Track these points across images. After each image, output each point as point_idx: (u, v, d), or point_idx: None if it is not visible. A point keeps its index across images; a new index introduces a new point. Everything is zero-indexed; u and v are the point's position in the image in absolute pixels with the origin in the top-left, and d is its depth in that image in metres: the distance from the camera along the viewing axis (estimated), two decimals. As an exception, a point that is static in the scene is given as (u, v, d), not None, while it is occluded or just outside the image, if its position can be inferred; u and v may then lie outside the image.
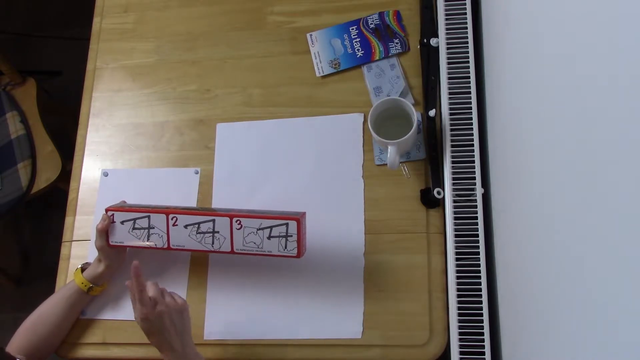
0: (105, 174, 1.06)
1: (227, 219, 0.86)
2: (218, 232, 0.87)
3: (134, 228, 0.90)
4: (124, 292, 0.97)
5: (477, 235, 0.84)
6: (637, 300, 0.37)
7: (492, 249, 0.87)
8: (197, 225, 0.88)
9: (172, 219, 0.88)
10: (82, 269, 0.94)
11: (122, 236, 0.91)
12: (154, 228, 0.89)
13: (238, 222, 0.86)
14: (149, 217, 0.90)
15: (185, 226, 0.88)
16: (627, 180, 0.39)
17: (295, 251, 0.84)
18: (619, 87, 0.40)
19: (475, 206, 0.86)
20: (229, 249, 0.87)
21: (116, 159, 1.06)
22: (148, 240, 0.90)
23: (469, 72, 0.92)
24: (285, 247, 0.84)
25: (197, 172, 1.02)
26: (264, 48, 1.07)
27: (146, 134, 1.07)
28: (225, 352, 0.92)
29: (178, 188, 1.02)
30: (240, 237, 0.86)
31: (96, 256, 0.94)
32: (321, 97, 1.02)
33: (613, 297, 0.41)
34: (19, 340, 0.89)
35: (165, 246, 0.90)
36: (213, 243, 0.87)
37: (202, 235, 0.87)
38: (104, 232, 0.91)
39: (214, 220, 0.87)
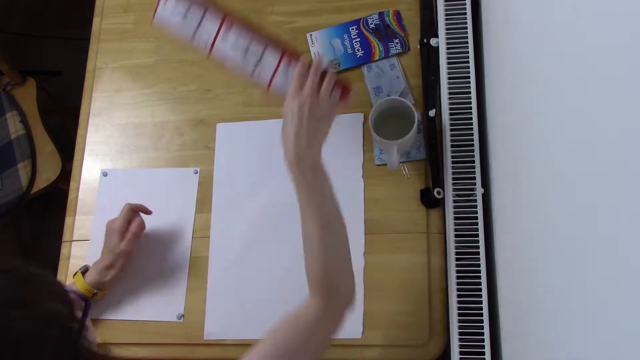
0: (105, 174, 1.05)
1: (278, 54, 0.80)
2: (263, 61, 0.81)
3: (185, 17, 0.82)
4: (124, 292, 0.97)
5: (477, 235, 0.84)
6: (638, 300, 0.37)
7: (492, 249, 0.87)
8: (248, 44, 0.81)
9: (226, 25, 0.80)
10: (82, 273, 0.92)
11: (169, 18, 0.82)
12: (204, 27, 0.81)
13: (287, 61, 0.80)
14: (205, 11, 0.81)
15: (236, 38, 0.80)
16: (627, 180, 0.39)
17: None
18: (621, 86, 0.40)
19: (475, 206, 0.86)
20: (266, 83, 0.81)
21: (116, 159, 1.06)
22: (193, 37, 0.82)
23: (469, 72, 0.92)
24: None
25: (196, 172, 1.02)
26: (264, 48, 1.07)
27: (146, 134, 1.07)
28: (225, 352, 0.92)
29: (177, 188, 1.02)
30: (282, 78, 0.81)
31: (103, 262, 0.91)
32: (321, 97, 1.02)
33: (613, 297, 0.41)
34: None
35: (207, 50, 0.82)
36: (254, 71, 0.81)
37: (247, 56, 0.81)
38: (138, 237, 0.90)
39: (265, 47, 0.80)
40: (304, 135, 0.71)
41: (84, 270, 0.93)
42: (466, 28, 0.93)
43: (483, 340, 0.80)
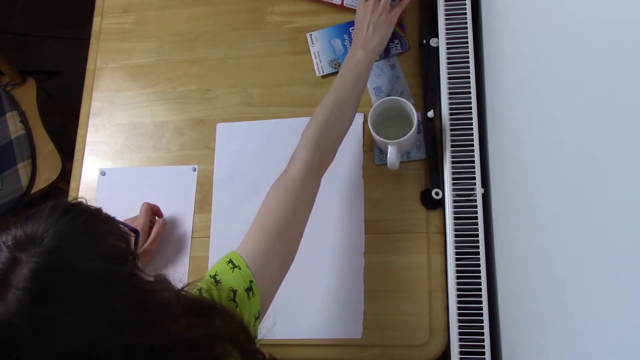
0: (103, 173, 1.06)
1: None
2: None
3: None
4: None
5: (477, 235, 0.84)
6: (638, 300, 0.37)
7: (492, 249, 0.87)
8: None
9: None
10: None
11: None
12: None
13: None
14: None
15: None
16: (627, 180, 0.39)
17: None
18: (620, 86, 0.40)
19: (475, 206, 0.86)
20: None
21: (116, 159, 1.06)
22: None
23: (469, 72, 0.92)
24: None
25: (194, 170, 1.02)
26: (264, 48, 1.07)
27: (146, 134, 1.07)
28: (225, 352, 0.92)
29: (176, 185, 1.02)
30: None
31: None
32: (321, 97, 1.01)
33: (613, 296, 0.41)
34: None
35: None
36: None
37: None
38: (159, 236, 0.93)
39: None
40: (371, 28, 0.89)
41: None
42: (466, 28, 0.93)
43: (483, 340, 0.80)
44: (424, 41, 0.98)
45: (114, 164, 1.06)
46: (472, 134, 0.89)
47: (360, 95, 0.87)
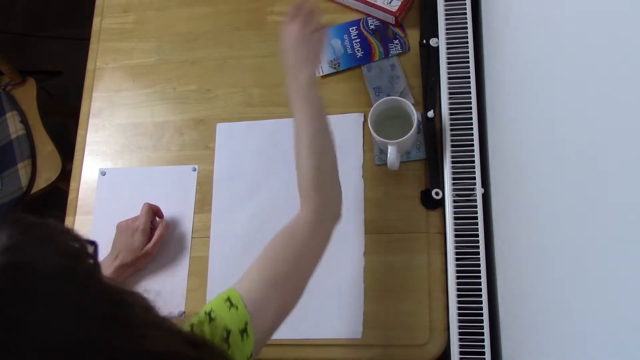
0: (103, 173, 1.06)
1: None
2: None
3: None
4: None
5: (477, 235, 0.84)
6: (638, 300, 0.37)
7: (492, 249, 0.87)
8: None
9: None
10: None
11: None
12: None
13: None
14: None
15: None
16: (627, 180, 0.39)
17: None
18: (620, 86, 0.40)
19: (475, 206, 0.86)
20: None
21: (116, 159, 1.06)
22: None
23: (469, 72, 0.92)
24: None
25: (194, 169, 1.02)
26: (264, 48, 1.07)
27: (146, 134, 1.07)
28: (225, 352, 0.92)
29: (176, 185, 1.02)
30: None
31: (119, 260, 0.91)
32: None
33: (613, 296, 0.41)
34: None
35: None
36: None
37: None
38: (162, 239, 0.92)
39: None
40: (302, 49, 0.82)
41: None
42: (466, 28, 0.93)
43: (483, 340, 0.80)
44: (424, 41, 0.98)
45: (114, 164, 1.06)
46: (472, 134, 0.89)
47: (324, 112, 0.82)
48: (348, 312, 0.90)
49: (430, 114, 0.94)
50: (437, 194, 0.90)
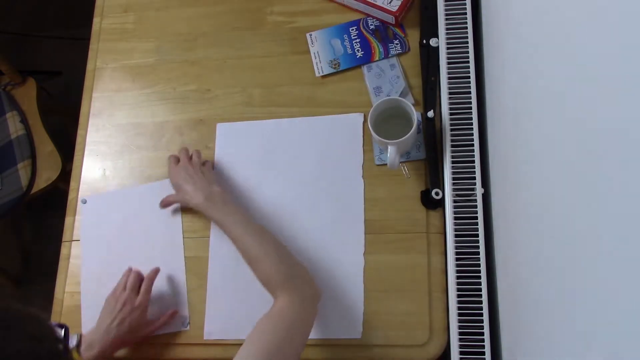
0: (84, 202, 1.04)
1: None
2: None
3: None
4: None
5: (477, 235, 0.84)
6: (638, 300, 0.37)
7: (492, 249, 0.87)
8: None
9: None
10: (77, 347, 0.83)
11: None
12: None
13: None
14: None
15: None
16: (627, 180, 0.39)
17: None
18: (621, 86, 0.40)
19: (475, 206, 0.86)
20: None
21: (116, 159, 1.06)
22: None
23: (469, 72, 0.92)
24: None
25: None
26: (264, 48, 1.08)
27: (146, 134, 1.07)
28: (225, 352, 0.92)
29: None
30: None
31: (114, 334, 0.87)
32: (321, 97, 1.02)
33: (613, 296, 0.41)
34: None
35: None
36: None
37: None
38: (145, 304, 0.90)
39: None
40: (201, 179, 0.92)
41: (77, 344, 0.83)
42: (466, 28, 0.94)
43: (483, 340, 0.80)
44: (424, 41, 0.98)
45: (114, 163, 1.06)
46: (472, 134, 0.89)
47: (248, 213, 0.92)
48: (348, 312, 0.90)
49: (430, 114, 0.94)
50: (437, 194, 0.90)
